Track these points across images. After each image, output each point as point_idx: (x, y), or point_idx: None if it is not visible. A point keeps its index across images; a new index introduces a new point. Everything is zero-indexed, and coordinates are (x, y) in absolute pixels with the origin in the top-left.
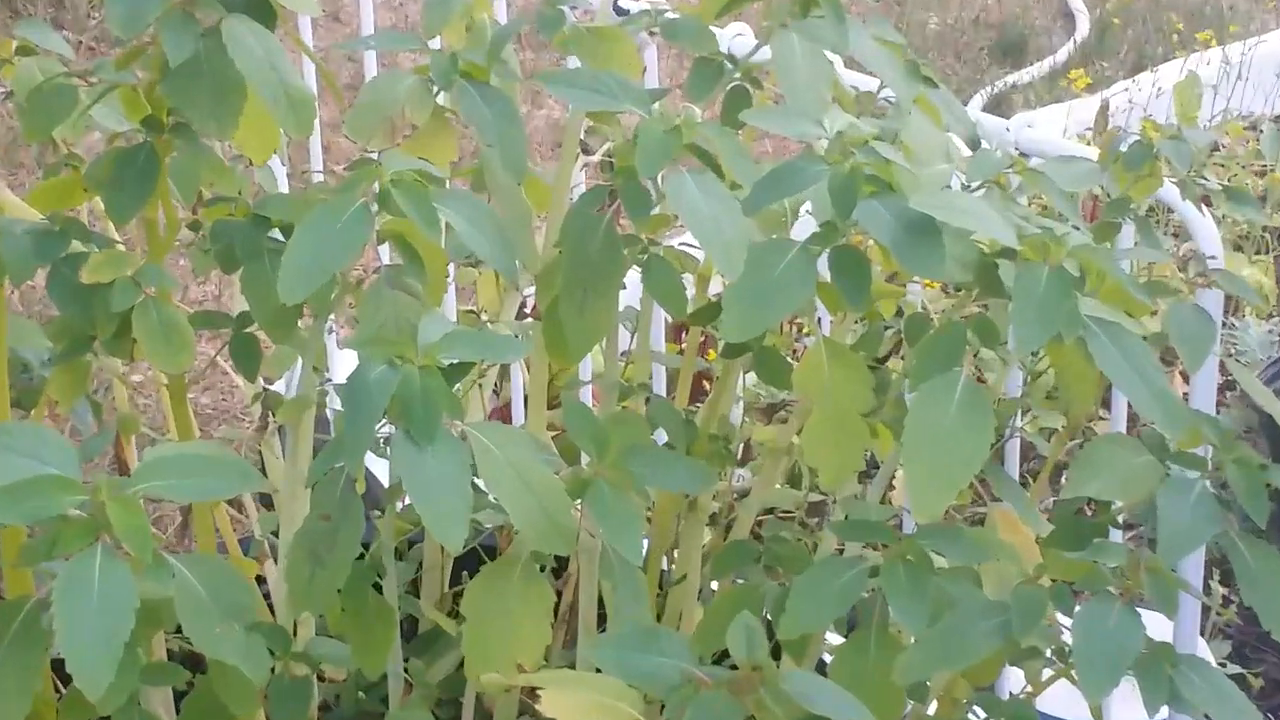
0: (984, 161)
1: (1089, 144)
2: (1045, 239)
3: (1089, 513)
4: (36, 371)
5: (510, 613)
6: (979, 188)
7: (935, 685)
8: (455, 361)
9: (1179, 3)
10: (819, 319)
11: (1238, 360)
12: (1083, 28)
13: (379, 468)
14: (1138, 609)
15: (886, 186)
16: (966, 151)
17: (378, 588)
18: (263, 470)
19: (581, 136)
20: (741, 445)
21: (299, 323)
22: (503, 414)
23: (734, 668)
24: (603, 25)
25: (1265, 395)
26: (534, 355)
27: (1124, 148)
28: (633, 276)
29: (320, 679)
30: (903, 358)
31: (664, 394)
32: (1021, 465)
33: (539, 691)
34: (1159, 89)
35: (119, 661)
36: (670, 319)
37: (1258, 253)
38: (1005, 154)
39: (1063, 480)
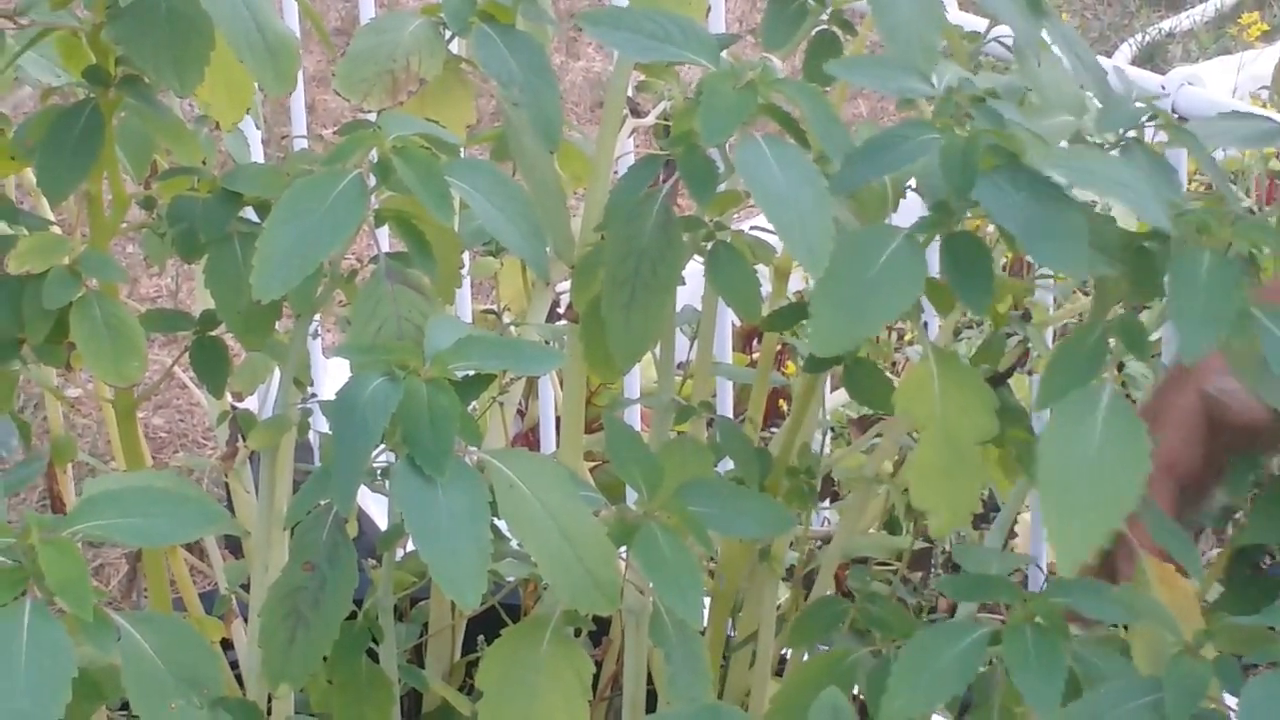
0: (1116, 112)
1: (1265, 106)
2: (1204, 217)
3: (1266, 565)
4: None
5: (537, 687)
6: (1114, 146)
7: None
8: (471, 374)
9: None
10: (924, 323)
11: None
12: None
13: (375, 506)
14: None
15: (1012, 158)
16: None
17: (373, 655)
18: (230, 508)
19: (630, 94)
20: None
21: (276, 325)
22: (529, 439)
23: None
24: None
25: None
26: (569, 367)
27: None
28: (693, 269)
29: None
30: (1030, 373)
31: (731, 415)
32: None
33: None
34: None
35: None
36: (740, 322)
37: None
38: (1145, 103)
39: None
